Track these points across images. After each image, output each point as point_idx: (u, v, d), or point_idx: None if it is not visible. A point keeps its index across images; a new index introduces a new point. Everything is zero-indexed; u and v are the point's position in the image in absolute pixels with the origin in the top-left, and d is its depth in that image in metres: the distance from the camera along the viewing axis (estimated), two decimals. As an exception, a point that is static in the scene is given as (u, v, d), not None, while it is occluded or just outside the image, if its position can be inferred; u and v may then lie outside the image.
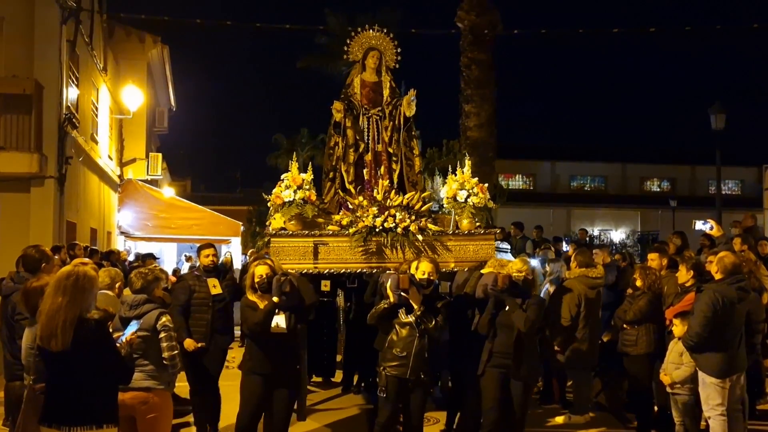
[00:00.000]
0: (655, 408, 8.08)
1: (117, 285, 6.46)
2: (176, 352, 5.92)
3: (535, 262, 10.83)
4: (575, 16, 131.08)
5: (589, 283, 8.53)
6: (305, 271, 7.96)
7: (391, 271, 7.60)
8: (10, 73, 13.87)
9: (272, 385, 6.52)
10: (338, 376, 10.84)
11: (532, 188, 49.29)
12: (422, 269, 6.83)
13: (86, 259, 8.17)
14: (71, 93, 15.24)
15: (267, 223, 9.11)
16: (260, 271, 6.66)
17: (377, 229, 8.13)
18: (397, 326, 6.59)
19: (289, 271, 7.32)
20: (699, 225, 9.45)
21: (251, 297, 6.64)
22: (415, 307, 6.51)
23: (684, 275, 7.71)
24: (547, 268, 10.34)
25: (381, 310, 6.67)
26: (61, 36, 14.60)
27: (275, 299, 6.40)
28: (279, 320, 6.47)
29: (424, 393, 6.74)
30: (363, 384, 10.26)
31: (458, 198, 8.25)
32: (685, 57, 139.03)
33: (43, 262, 7.07)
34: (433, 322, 6.50)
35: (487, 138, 18.15)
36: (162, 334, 5.81)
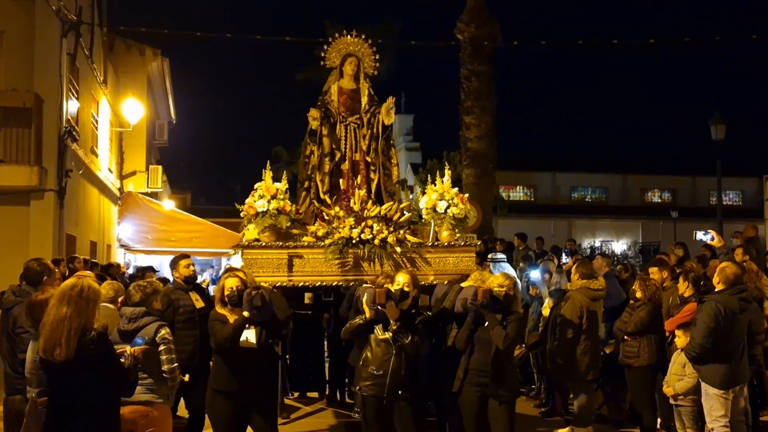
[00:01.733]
0: (658, 420, 8.04)
1: (120, 299, 6.42)
2: (176, 365, 5.88)
3: (535, 273, 10.81)
4: (575, 27, 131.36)
5: (591, 294, 8.48)
6: (279, 284, 7.71)
7: (368, 285, 7.36)
8: (9, 87, 13.86)
9: (242, 403, 6.22)
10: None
11: (532, 200, 49.23)
12: (399, 281, 6.55)
13: (87, 272, 8.14)
14: (71, 106, 15.23)
15: (240, 234, 8.87)
16: (231, 283, 6.42)
17: (354, 241, 7.85)
18: (372, 343, 6.30)
19: (261, 284, 7.05)
20: (700, 235, 9.43)
21: (221, 310, 6.39)
22: (391, 322, 6.23)
23: (683, 286, 7.68)
24: (551, 279, 10.31)
25: (356, 326, 6.40)
26: (61, 49, 14.60)
27: (245, 314, 6.15)
28: (249, 335, 6.22)
29: (410, 408, 6.38)
30: (347, 399, 9.99)
31: (438, 209, 7.99)
32: (685, 68, 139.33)
33: (45, 275, 7.06)
34: (409, 338, 6.19)
35: (488, 149, 18.16)
36: (161, 347, 5.77)
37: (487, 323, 6.38)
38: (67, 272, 9.61)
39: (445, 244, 8.06)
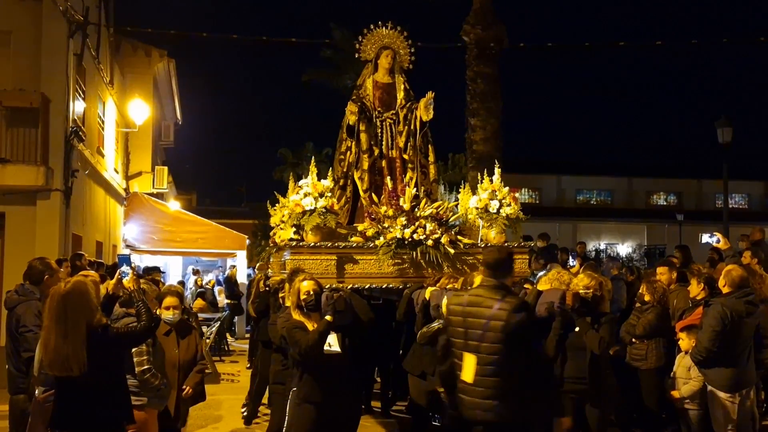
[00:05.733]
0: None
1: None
2: (146, 367, 5.75)
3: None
4: (582, 29, 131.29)
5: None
6: (329, 286, 7.25)
7: (435, 288, 6.95)
8: (17, 87, 13.87)
9: (328, 414, 5.77)
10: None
11: (537, 202, 49.20)
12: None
13: (91, 272, 8.13)
14: (78, 106, 15.25)
15: (272, 233, 8.46)
16: (307, 287, 5.92)
17: (406, 241, 7.53)
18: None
19: (338, 286, 6.65)
20: (706, 238, 9.40)
21: (297, 316, 5.89)
22: None
23: (695, 289, 7.64)
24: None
25: (435, 330, 6.13)
26: (68, 50, 14.61)
27: (329, 318, 5.67)
28: (331, 341, 5.75)
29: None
30: (389, 405, 9.74)
31: (490, 209, 7.73)
32: (692, 70, 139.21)
33: (47, 274, 7.03)
34: None
35: (493, 152, 18.09)
36: (133, 349, 5.66)
37: (578, 328, 6.02)
38: (70, 270, 9.60)
39: (499, 245, 7.67)
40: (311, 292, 5.88)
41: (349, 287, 7.32)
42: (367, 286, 7.72)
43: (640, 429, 8.41)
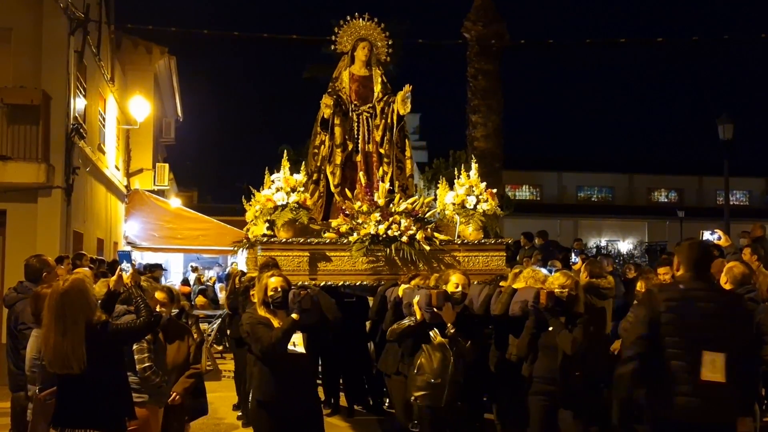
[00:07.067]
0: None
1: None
2: (147, 364, 5.67)
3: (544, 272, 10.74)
4: (582, 26, 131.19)
5: (598, 293, 8.42)
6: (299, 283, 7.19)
7: (408, 285, 6.84)
8: (17, 84, 13.88)
9: (288, 417, 5.57)
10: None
11: (538, 199, 49.17)
12: (455, 282, 6.05)
13: (83, 269, 8.12)
14: (78, 103, 15.25)
15: (245, 229, 8.36)
16: (275, 283, 5.71)
17: (380, 237, 7.42)
18: (428, 349, 5.81)
19: (307, 284, 6.41)
20: (707, 235, 9.37)
21: (263, 312, 5.71)
22: (449, 326, 5.78)
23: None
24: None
25: (405, 328, 6.00)
26: (68, 47, 14.61)
27: (295, 316, 5.48)
28: (296, 340, 5.57)
29: (468, 422, 6.04)
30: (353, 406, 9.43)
31: (467, 205, 7.65)
32: (693, 67, 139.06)
33: (44, 272, 7.03)
34: (468, 343, 5.77)
35: (494, 148, 18.16)
36: (134, 346, 5.62)
37: (551, 328, 5.86)
38: (71, 268, 9.60)
39: (475, 242, 7.69)
40: (279, 289, 5.67)
41: (321, 284, 7.08)
42: (340, 284, 7.60)
43: (641, 426, 8.40)
